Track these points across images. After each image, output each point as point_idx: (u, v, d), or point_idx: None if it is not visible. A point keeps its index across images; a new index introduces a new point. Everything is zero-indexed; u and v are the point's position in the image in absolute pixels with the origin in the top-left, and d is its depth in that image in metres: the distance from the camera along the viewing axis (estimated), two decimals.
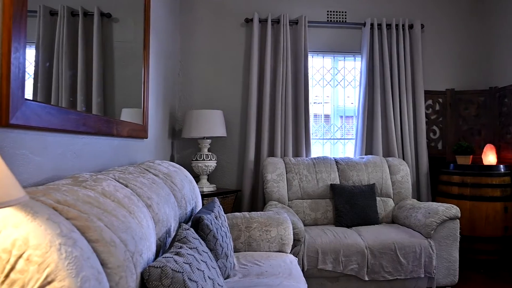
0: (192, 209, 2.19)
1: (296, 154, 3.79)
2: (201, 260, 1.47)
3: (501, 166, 3.55)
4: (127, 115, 2.22)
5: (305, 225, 3.27)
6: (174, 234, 1.75)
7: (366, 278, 2.79)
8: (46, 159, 1.37)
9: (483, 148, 3.86)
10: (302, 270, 2.72)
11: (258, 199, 3.69)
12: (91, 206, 1.16)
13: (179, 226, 1.59)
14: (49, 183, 1.26)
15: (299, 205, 3.33)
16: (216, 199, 2.28)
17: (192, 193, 2.23)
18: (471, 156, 3.77)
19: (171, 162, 2.31)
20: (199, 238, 1.64)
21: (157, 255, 1.53)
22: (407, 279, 2.87)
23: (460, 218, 3.46)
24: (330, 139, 4.13)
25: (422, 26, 4.10)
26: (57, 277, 0.86)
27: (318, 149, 4.10)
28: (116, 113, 2.11)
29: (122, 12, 2.23)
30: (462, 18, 4.25)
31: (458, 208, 3.00)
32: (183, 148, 3.77)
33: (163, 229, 1.61)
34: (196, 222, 1.86)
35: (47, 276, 0.85)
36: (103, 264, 1.03)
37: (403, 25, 3.99)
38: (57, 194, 1.10)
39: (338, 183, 3.45)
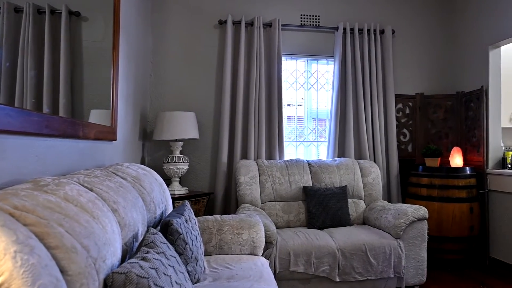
0: (162, 212, 2.16)
1: (270, 156, 3.80)
2: (169, 265, 1.45)
3: (467, 168, 3.67)
4: (96, 116, 2.17)
5: (277, 227, 3.29)
6: (141, 238, 1.72)
7: (337, 279, 2.83)
8: (5, 162, 1.32)
9: (451, 150, 3.98)
10: (274, 273, 2.73)
11: (231, 202, 3.67)
12: (52, 211, 1.12)
13: (147, 231, 1.57)
14: (8, 187, 1.21)
15: (272, 207, 3.34)
16: (187, 202, 2.25)
17: (162, 197, 2.19)
18: (439, 159, 3.88)
19: (141, 165, 2.27)
20: (167, 242, 1.62)
21: (123, 260, 1.50)
22: (377, 280, 2.92)
23: (428, 218, 3.58)
24: (303, 141, 4.17)
25: (393, 31, 4.20)
26: (11, 286, 0.83)
27: (291, 151, 4.13)
28: (85, 115, 2.06)
29: (92, 11, 2.17)
30: (431, 25, 4.38)
31: (426, 209, 3.08)
32: (154, 151, 3.71)
33: (130, 234, 1.58)
34: (165, 226, 1.84)
35: (0, 285, 0.81)
36: (63, 271, 1.00)
37: (374, 30, 4.07)
38: (14, 199, 1.06)
39: (311, 185, 3.48)
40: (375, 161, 4.00)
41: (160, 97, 3.75)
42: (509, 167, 3.76)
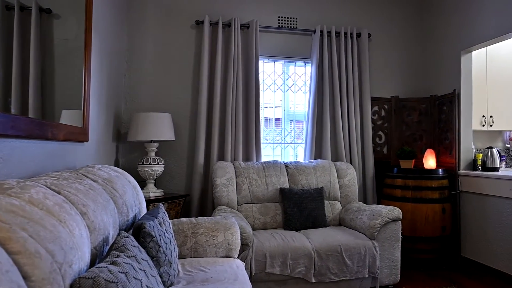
0: (135, 215, 2.12)
1: (247, 158, 3.79)
2: (140, 269, 1.42)
3: (440, 170, 3.75)
4: (68, 117, 2.12)
5: (254, 229, 3.28)
6: (112, 242, 1.68)
7: (313, 280, 2.84)
8: None
9: (425, 152, 4.06)
10: (250, 275, 2.72)
11: (207, 204, 3.65)
12: (15, 215, 1.08)
13: (118, 234, 1.53)
14: None
15: (249, 209, 3.33)
16: (161, 205, 2.22)
17: (135, 199, 2.15)
18: (413, 160, 3.96)
19: (113, 167, 2.22)
20: (138, 246, 1.59)
21: (92, 265, 1.46)
22: (352, 280, 2.95)
23: (402, 219, 3.64)
24: (280, 143, 4.18)
25: (369, 35, 4.27)
26: None
27: (268, 153, 4.13)
28: (56, 115, 2.00)
29: (64, 8, 2.12)
30: (406, 30, 4.47)
31: (400, 210, 3.13)
32: (129, 152, 3.64)
33: (100, 238, 1.55)
34: (137, 229, 1.80)
35: None
36: (25, 277, 0.97)
37: (351, 34, 4.12)
38: None
39: (288, 187, 3.49)
40: (351, 163, 4.04)
41: (135, 98, 3.69)
42: (479, 169, 3.86)
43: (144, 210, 2.35)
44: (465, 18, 3.84)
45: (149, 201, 2.99)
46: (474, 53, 4.04)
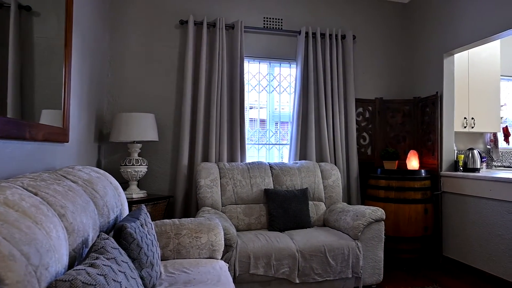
0: (117, 217, 2.09)
1: (231, 159, 3.78)
2: (119, 271, 1.40)
3: (422, 171, 3.80)
4: (48, 117, 2.08)
5: (238, 230, 3.27)
6: (92, 244, 1.65)
7: (297, 281, 2.84)
8: None
9: (408, 153, 4.11)
10: (234, 276, 2.71)
11: (191, 205, 3.62)
12: None
13: (98, 236, 1.51)
14: None
15: (233, 210, 3.32)
16: (143, 206, 2.20)
17: (116, 201, 2.12)
18: (396, 162, 4.00)
19: (94, 168, 2.19)
20: (119, 247, 1.57)
21: (71, 267, 1.43)
22: (335, 280, 2.96)
23: (386, 220, 3.68)
24: (265, 144, 4.18)
25: (354, 37, 4.30)
26: None
27: (253, 154, 4.13)
28: (36, 115, 1.96)
29: (44, 5, 2.08)
30: (390, 32, 4.52)
31: (383, 210, 3.16)
32: (111, 153, 3.59)
33: (79, 240, 1.52)
34: (118, 230, 1.78)
35: None
36: None
37: (336, 35, 4.15)
38: None
39: (272, 188, 3.49)
40: (335, 164, 4.07)
41: (118, 98, 3.64)
42: (461, 170, 3.93)
43: (126, 212, 2.32)
44: (448, 22, 3.91)
45: (132, 202, 2.96)
46: (456, 56, 4.11)
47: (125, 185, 3.27)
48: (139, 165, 3.17)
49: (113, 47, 3.64)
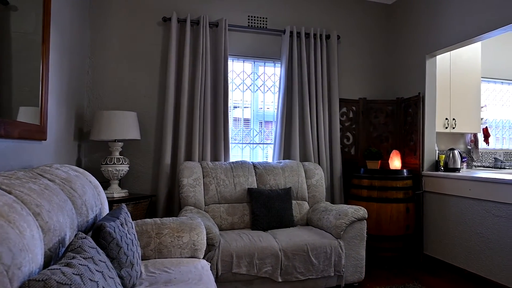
0: (96, 216, 2.05)
1: (215, 158, 3.76)
2: (97, 271, 1.38)
3: (405, 170, 3.85)
4: (25, 114, 2.03)
5: (221, 229, 3.26)
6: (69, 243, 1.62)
7: (280, 280, 2.85)
8: None
9: (391, 153, 4.15)
10: (216, 275, 2.70)
11: (174, 205, 3.59)
12: None
13: (76, 235, 1.48)
14: None
15: (216, 209, 3.30)
16: (124, 205, 2.16)
17: (96, 199, 2.09)
18: (379, 161, 4.04)
19: (73, 166, 2.14)
20: (96, 247, 1.54)
21: (47, 267, 1.40)
22: (318, 278, 2.98)
23: (368, 219, 3.72)
24: (249, 143, 4.17)
25: (339, 37, 4.33)
26: None
27: (237, 153, 4.12)
28: (14, 112, 1.91)
29: (22, 0, 2.03)
30: (374, 33, 4.57)
31: (365, 209, 3.18)
32: (92, 151, 3.52)
33: (55, 239, 1.49)
34: (97, 230, 1.75)
35: None
36: None
37: (320, 35, 4.17)
38: None
39: (256, 187, 3.48)
40: (319, 163, 4.08)
41: (98, 95, 3.57)
42: (442, 170, 3.99)
43: (106, 211, 2.29)
44: (430, 24, 3.96)
45: (112, 202, 2.92)
46: (438, 57, 4.17)
47: (106, 184, 3.22)
48: (121, 164, 3.13)
49: (94, 44, 3.57)
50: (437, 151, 4.11)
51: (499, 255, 3.06)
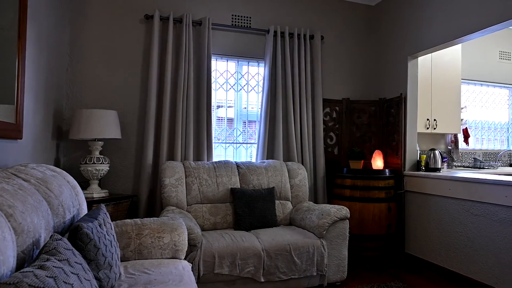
0: (73, 217, 2.01)
1: (198, 158, 3.73)
2: (72, 273, 1.35)
3: (387, 170, 3.88)
4: (0, 112, 1.97)
5: (204, 229, 3.23)
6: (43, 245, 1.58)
7: (262, 280, 2.84)
8: None
9: (373, 153, 4.19)
10: (198, 276, 2.68)
11: (156, 205, 3.54)
12: None
13: (51, 237, 1.44)
14: None
15: (199, 209, 3.27)
16: (103, 206, 2.12)
17: (73, 200, 2.04)
18: (362, 161, 4.07)
19: (50, 166, 2.09)
20: (72, 248, 1.50)
21: (20, 269, 1.36)
22: (300, 278, 2.98)
23: (351, 218, 3.74)
24: (232, 143, 4.15)
25: (322, 37, 4.34)
26: None
27: (220, 153, 4.09)
28: None
29: None
30: (357, 34, 4.60)
31: (348, 209, 3.20)
32: (71, 151, 3.44)
33: (29, 241, 1.44)
34: (74, 231, 1.71)
35: None
36: None
37: (304, 35, 4.17)
38: None
39: (239, 187, 3.46)
40: (302, 163, 4.09)
41: (78, 94, 3.49)
42: (423, 169, 4.04)
43: (84, 212, 2.24)
44: (413, 25, 4.01)
45: (92, 202, 2.86)
46: (420, 59, 4.23)
47: (86, 184, 3.16)
48: (101, 163, 3.07)
49: (74, 40, 3.49)
50: (418, 151, 4.16)
51: (478, 253, 3.11)
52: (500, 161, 5.30)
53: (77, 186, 2.20)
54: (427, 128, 4.37)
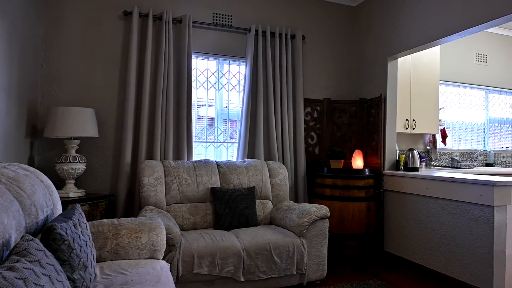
0: (47, 217, 1.95)
1: (177, 157, 3.68)
2: (43, 274, 1.31)
3: (366, 170, 3.92)
4: None
5: (183, 229, 3.20)
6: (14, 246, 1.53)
7: (242, 279, 2.82)
8: None
9: (353, 153, 4.22)
10: (177, 276, 2.65)
11: (134, 205, 3.49)
12: None
13: (22, 237, 1.40)
14: None
15: (178, 209, 3.24)
16: (78, 205, 2.07)
17: (47, 200, 1.98)
18: (342, 161, 4.10)
19: (23, 165, 2.03)
20: (44, 249, 1.46)
21: None
22: (280, 277, 2.98)
23: (331, 217, 3.76)
24: (213, 142, 4.12)
25: (304, 37, 4.35)
26: None
27: (201, 152, 4.06)
28: None
29: None
30: (339, 35, 4.63)
31: (327, 208, 3.22)
32: (46, 149, 3.35)
33: None
34: (47, 231, 1.66)
35: None
36: None
37: (286, 35, 4.18)
38: None
39: (219, 186, 3.44)
40: (283, 163, 4.09)
41: (54, 91, 3.40)
42: (402, 169, 4.10)
43: (59, 212, 2.18)
44: (393, 27, 4.06)
45: (68, 202, 2.79)
46: (399, 60, 4.29)
47: (62, 183, 3.08)
48: (77, 162, 3.00)
49: (49, 36, 3.40)
50: (397, 151, 4.22)
51: (453, 251, 3.17)
52: (476, 161, 5.43)
53: (52, 185, 2.15)
54: (406, 128, 4.43)
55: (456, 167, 4.90)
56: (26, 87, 2.90)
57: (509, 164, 5.73)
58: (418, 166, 4.00)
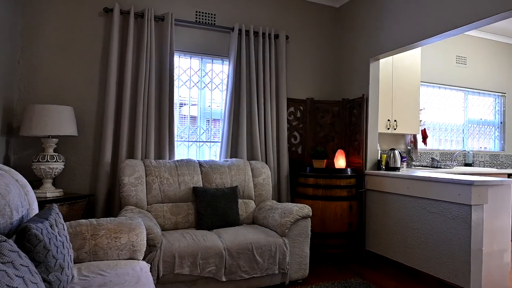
0: (22, 217, 1.90)
1: (159, 156, 3.64)
2: (17, 276, 1.27)
3: (349, 169, 3.95)
4: None
5: (165, 229, 3.16)
6: None
7: (224, 279, 2.81)
8: None
9: (336, 153, 4.25)
10: (158, 276, 2.61)
11: (114, 205, 3.43)
12: None
13: None
14: None
15: (159, 209, 3.20)
16: (55, 205, 2.02)
17: (22, 200, 1.93)
18: (325, 160, 4.12)
19: None
20: (18, 250, 1.42)
21: None
22: (262, 276, 2.98)
23: (314, 216, 3.77)
24: (195, 141, 4.09)
25: (287, 37, 4.36)
26: None
27: (183, 151, 4.02)
28: None
29: None
30: (322, 35, 4.66)
31: (310, 207, 3.23)
32: (22, 148, 3.27)
33: None
34: (21, 232, 1.62)
35: None
36: None
37: (269, 34, 4.17)
38: None
39: (201, 186, 3.42)
40: (266, 162, 4.09)
41: (31, 88, 3.32)
42: (383, 169, 4.15)
43: (35, 212, 2.12)
44: (375, 28, 4.10)
45: (45, 202, 2.73)
46: (381, 61, 4.34)
47: (39, 183, 3.01)
48: (55, 161, 2.93)
49: (27, 32, 3.31)
50: (379, 151, 4.26)
51: (432, 249, 3.23)
52: (456, 161, 5.53)
53: (27, 185, 2.09)
54: (388, 129, 4.49)
55: (436, 167, 4.98)
56: (1, 84, 2.82)
57: (487, 164, 5.86)
58: (399, 166, 4.05)
